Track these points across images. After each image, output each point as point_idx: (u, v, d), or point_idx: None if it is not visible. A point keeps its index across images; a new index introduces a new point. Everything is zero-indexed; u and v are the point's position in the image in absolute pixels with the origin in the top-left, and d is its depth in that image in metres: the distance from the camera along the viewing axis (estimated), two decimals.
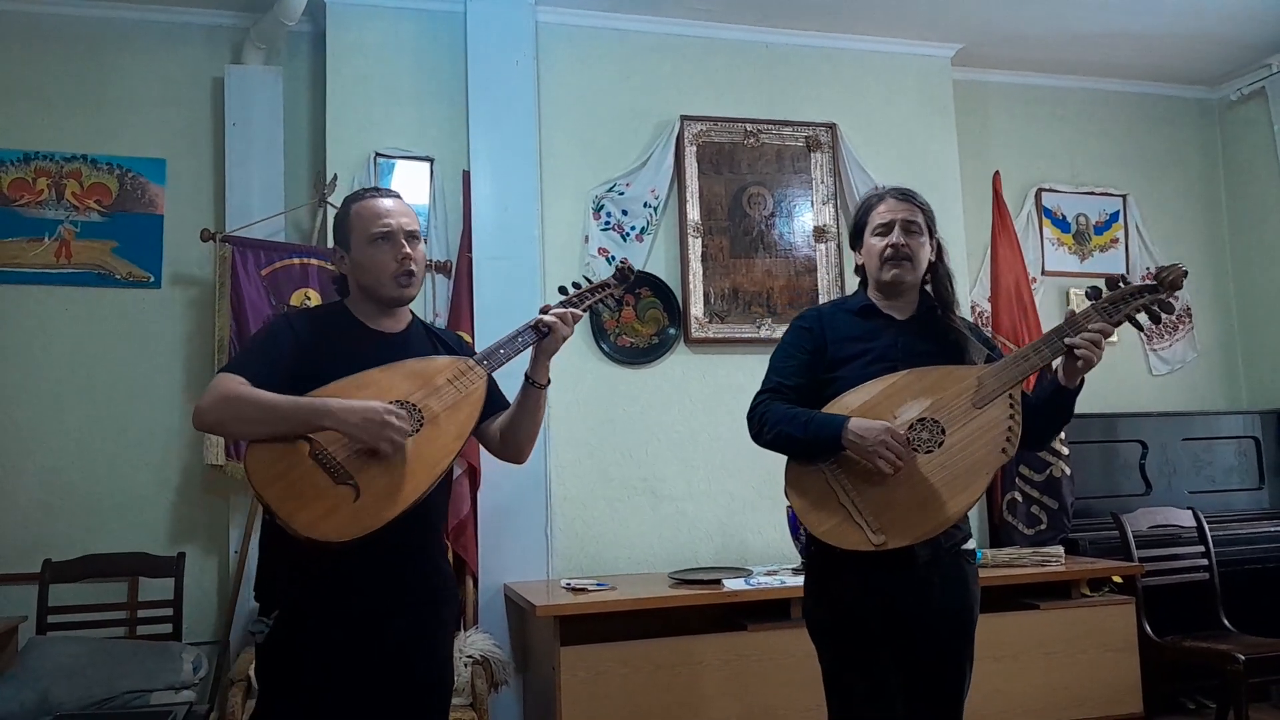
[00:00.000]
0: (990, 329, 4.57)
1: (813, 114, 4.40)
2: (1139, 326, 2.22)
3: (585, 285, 2.27)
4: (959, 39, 4.55)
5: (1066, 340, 2.11)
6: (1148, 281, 2.15)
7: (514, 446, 2.23)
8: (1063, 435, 4.23)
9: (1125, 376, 4.93)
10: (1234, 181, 5.19)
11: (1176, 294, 2.14)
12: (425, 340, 2.17)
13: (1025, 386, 2.27)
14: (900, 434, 2.10)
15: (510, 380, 2.22)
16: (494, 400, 2.20)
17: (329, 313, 2.17)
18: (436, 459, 1.94)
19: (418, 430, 1.95)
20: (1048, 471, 4.21)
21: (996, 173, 4.77)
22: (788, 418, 2.22)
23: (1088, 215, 4.99)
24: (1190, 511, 4.12)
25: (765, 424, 2.25)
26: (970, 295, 4.59)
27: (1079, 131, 5.04)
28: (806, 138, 4.37)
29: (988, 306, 4.64)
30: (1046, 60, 4.83)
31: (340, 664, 1.94)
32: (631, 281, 2.35)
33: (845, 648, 2.22)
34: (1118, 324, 2.14)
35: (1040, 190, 4.93)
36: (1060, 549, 3.90)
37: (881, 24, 4.38)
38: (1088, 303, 2.18)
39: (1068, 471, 4.20)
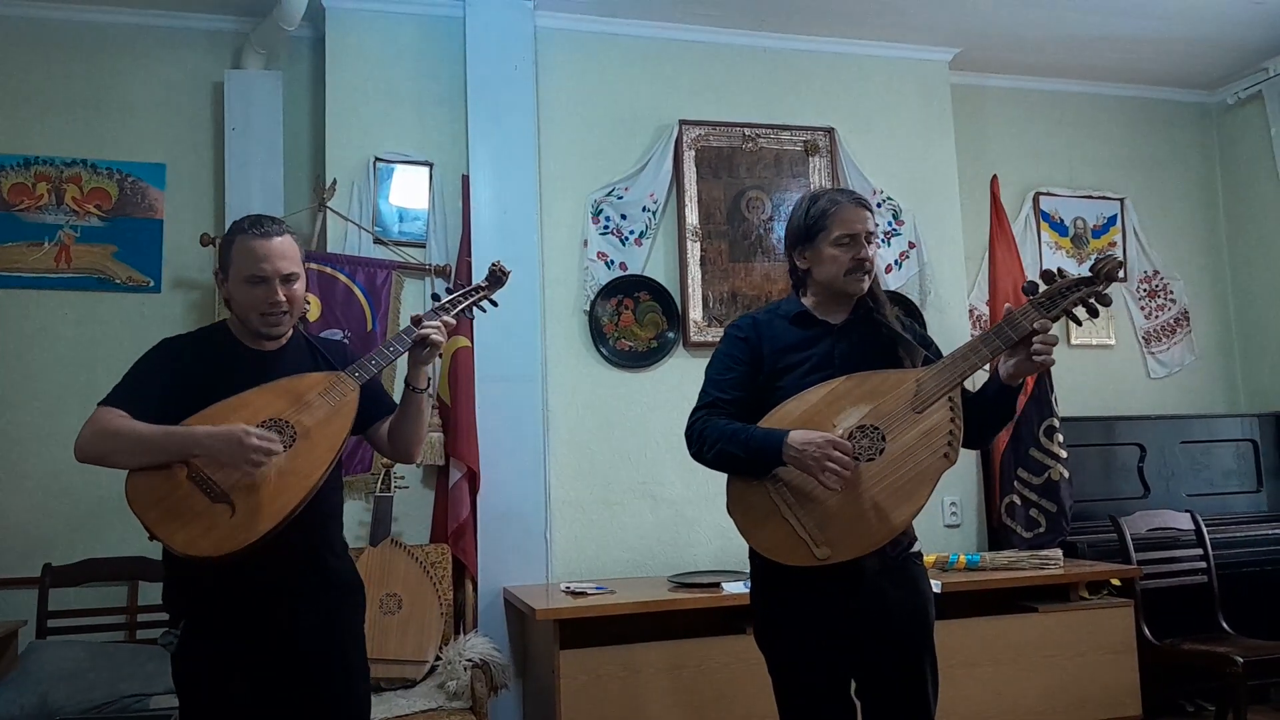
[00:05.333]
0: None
1: (811, 118, 4.41)
2: (1077, 320, 2.17)
3: (457, 291, 2.35)
4: (957, 43, 4.56)
5: (1033, 350, 2.05)
6: (1084, 274, 2.11)
7: (401, 448, 2.29)
8: (1060, 438, 4.24)
9: (1123, 379, 4.94)
10: (1231, 185, 5.21)
11: (1111, 285, 2.10)
12: (305, 354, 2.25)
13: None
14: (844, 444, 2.04)
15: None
16: (376, 405, 2.29)
17: (211, 334, 2.26)
18: (309, 470, 2.04)
19: (290, 445, 2.03)
20: (1046, 474, 4.21)
21: (994, 176, 4.78)
22: (727, 435, 2.16)
23: (1085, 219, 5.00)
24: (1189, 514, 4.13)
25: (705, 443, 2.20)
26: (968, 299, 4.60)
27: (1077, 135, 5.06)
28: (805, 142, 4.38)
29: (986, 310, 4.65)
30: (1044, 64, 4.84)
31: (246, 664, 2.06)
32: (504, 283, 2.38)
33: (793, 660, 2.20)
34: (1056, 319, 2.10)
35: (1038, 194, 4.94)
36: (1059, 552, 3.90)
37: (879, 28, 4.39)
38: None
39: (1066, 474, 4.21)
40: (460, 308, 2.32)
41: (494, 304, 2.40)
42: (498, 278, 2.37)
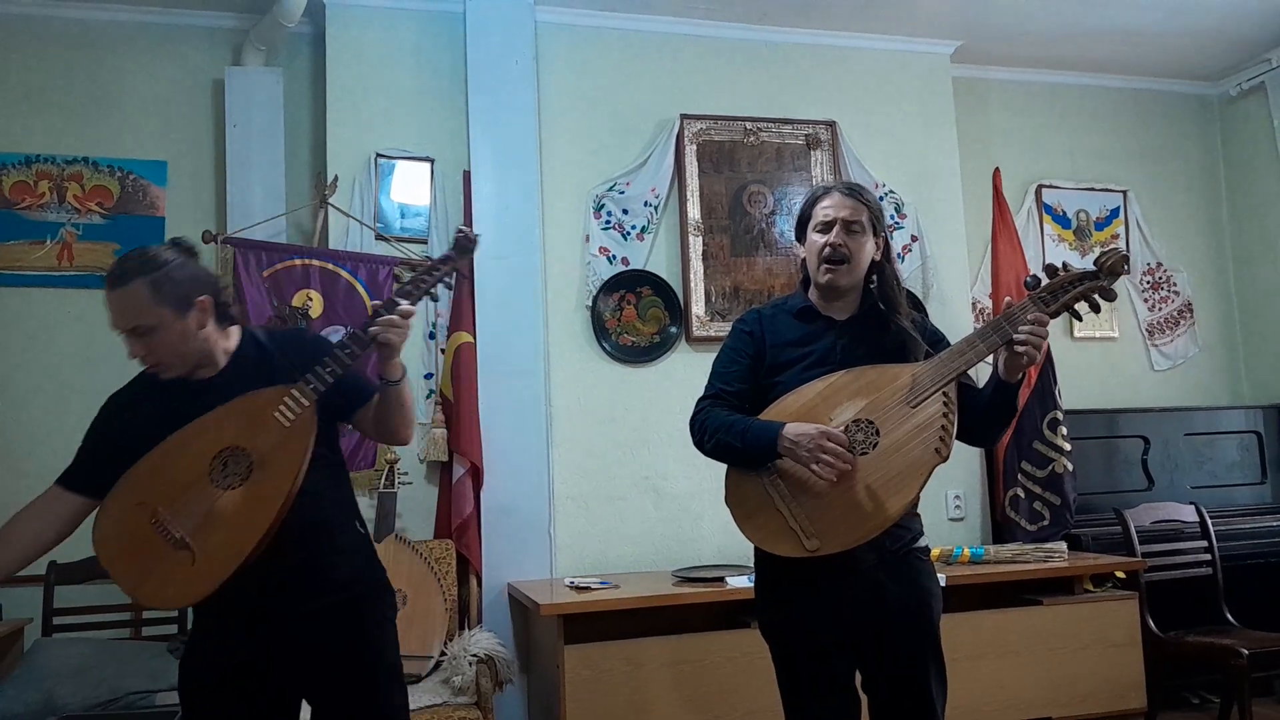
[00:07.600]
0: None
1: (812, 112, 4.40)
2: (1078, 316, 2.12)
3: (420, 269, 2.10)
4: (958, 36, 4.55)
5: (1014, 338, 2.03)
6: (1087, 268, 2.07)
7: (386, 434, 2.15)
8: (1064, 431, 4.23)
9: (1127, 372, 4.94)
10: (1234, 176, 5.19)
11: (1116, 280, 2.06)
12: (250, 367, 2.05)
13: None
14: (839, 435, 2.04)
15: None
16: (356, 392, 2.12)
17: (150, 377, 2.06)
18: (271, 496, 1.90)
19: (245, 478, 1.91)
20: (1050, 467, 4.21)
21: (997, 169, 4.77)
22: (726, 426, 2.18)
23: (1088, 211, 4.99)
24: (1193, 507, 4.12)
25: (706, 433, 2.22)
26: (971, 292, 4.59)
27: (1079, 127, 5.04)
28: (806, 136, 4.37)
29: (989, 303, 4.65)
30: (1046, 56, 4.83)
31: (248, 677, 1.99)
32: (472, 250, 2.13)
33: (795, 651, 2.21)
34: (1056, 314, 2.07)
35: (1040, 186, 4.93)
36: (1063, 545, 3.91)
37: (881, 21, 4.38)
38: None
39: (1070, 467, 4.21)
40: (425, 288, 2.08)
41: (463, 276, 2.22)
42: (465, 246, 2.11)
